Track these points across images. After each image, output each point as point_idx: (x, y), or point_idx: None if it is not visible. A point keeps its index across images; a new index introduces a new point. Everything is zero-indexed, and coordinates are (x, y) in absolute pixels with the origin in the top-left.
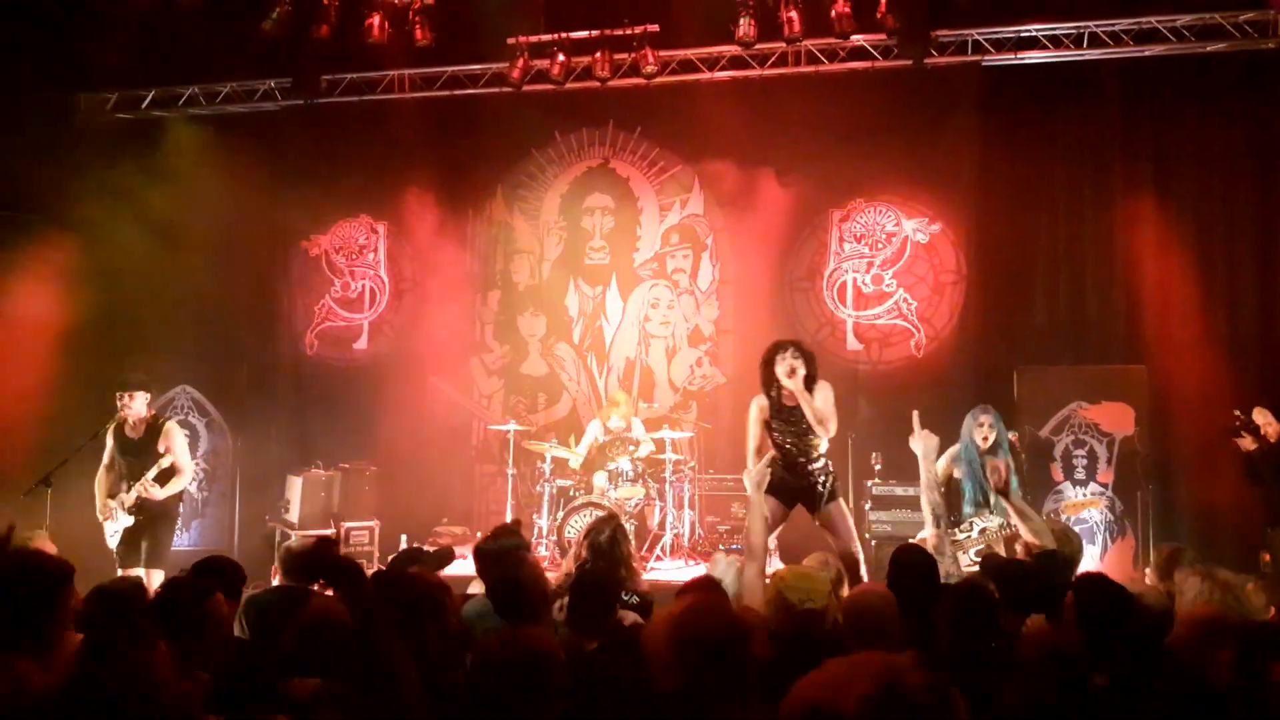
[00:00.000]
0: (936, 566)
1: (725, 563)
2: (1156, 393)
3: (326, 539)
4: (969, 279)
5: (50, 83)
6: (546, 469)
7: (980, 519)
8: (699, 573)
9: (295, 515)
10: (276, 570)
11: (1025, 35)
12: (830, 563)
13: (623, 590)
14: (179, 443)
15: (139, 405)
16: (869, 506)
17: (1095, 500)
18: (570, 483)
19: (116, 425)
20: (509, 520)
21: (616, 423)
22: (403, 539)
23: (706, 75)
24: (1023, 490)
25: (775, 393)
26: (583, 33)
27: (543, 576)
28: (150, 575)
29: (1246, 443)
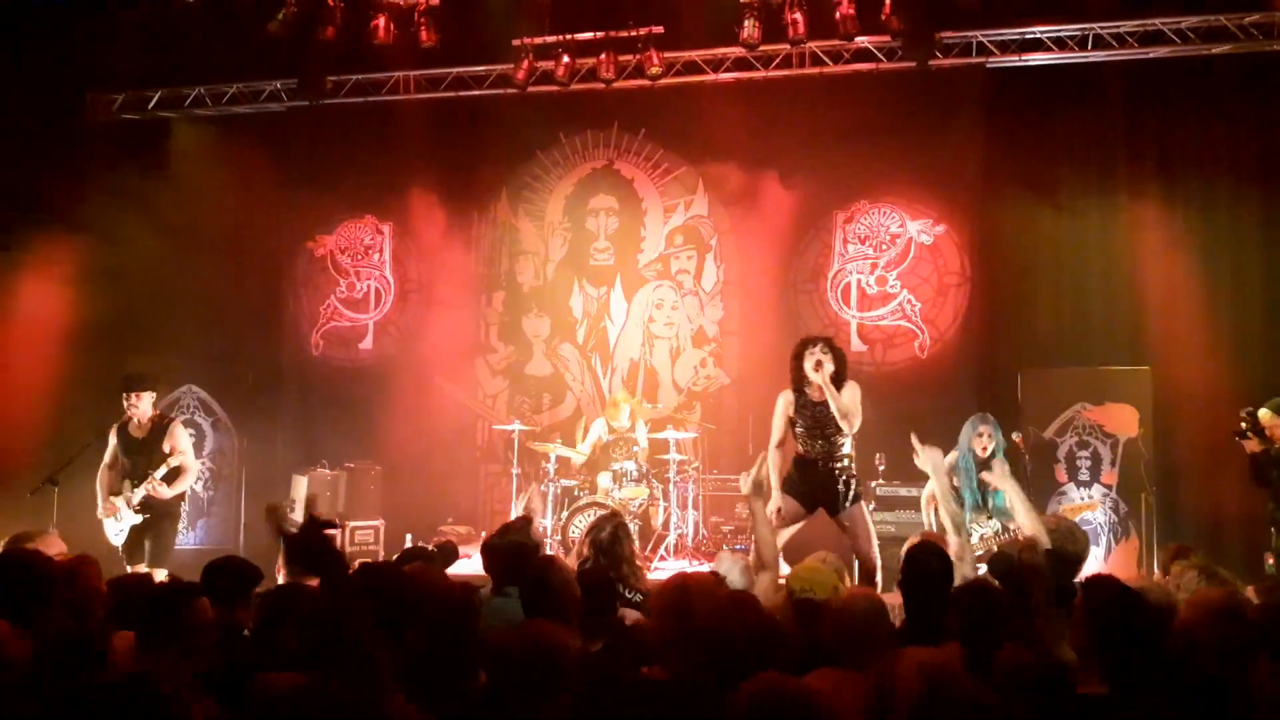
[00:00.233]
0: (951, 566)
1: (730, 560)
2: (1161, 394)
3: (315, 521)
4: (973, 280)
5: (57, 84)
6: (551, 469)
7: (979, 525)
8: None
9: (301, 515)
10: (280, 567)
11: (1030, 37)
12: (830, 560)
13: (625, 589)
14: (184, 442)
15: (145, 405)
16: (872, 507)
17: (1093, 504)
18: (575, 483)
19: (120, 424)
20: (518, 515)
21: (622, 422)
22: (408, 538)
23: (711, 77)
24: (1027, 492)
25: (802, 389)
26: (588, 34)
27: (573, 580)
28: (154, 574)
29: (1252, 444)
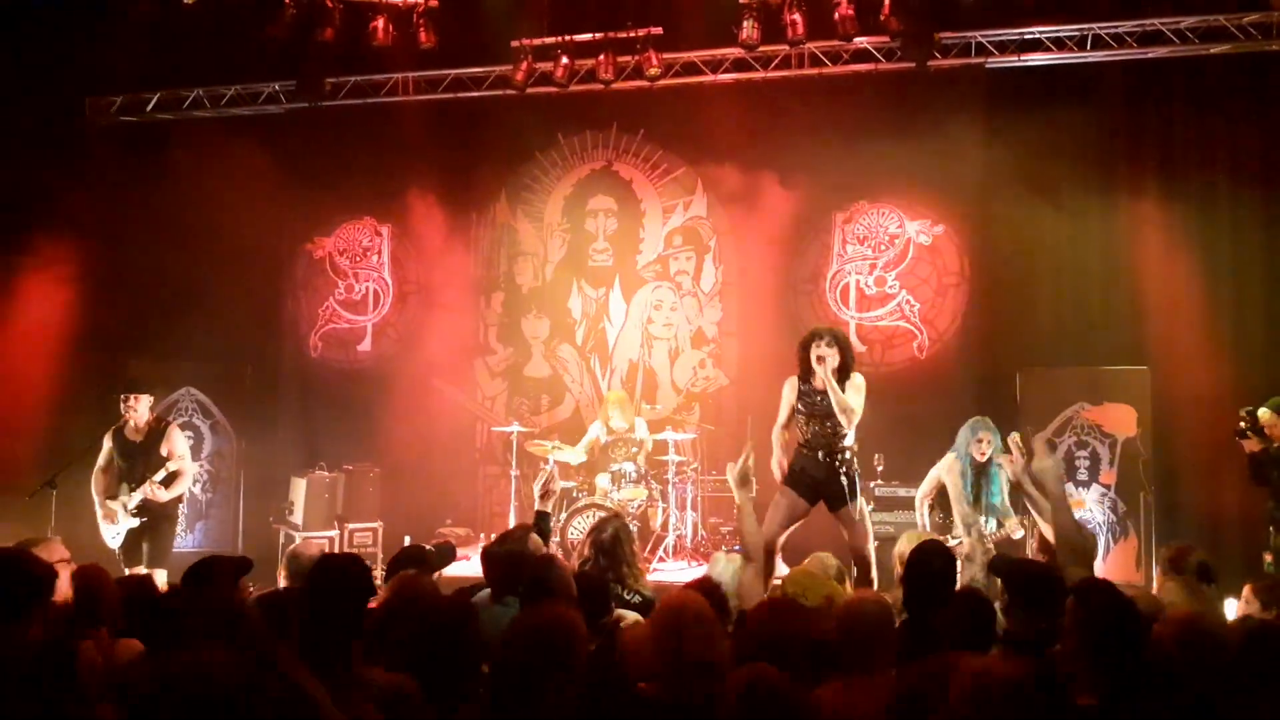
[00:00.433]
0: (954, 565)
1: (724, 563)
2: (1159, 394)
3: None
4: (972, 281)
5: (55, 86)
6: (550, 469)
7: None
8: (702, 573)
9: (299, 517)
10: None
11: (1029, 37)
12: (830, 562)
13: (625, 590)
14: (181, 446)
15: (143, 409)
16: (871, 508)
17: (1079, 501)
18: (573, 484)
19: (116, 428)
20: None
21: (619, 423)
22: (406, 540)
23: (710, 78)
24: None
25: (808, 377)
26: (586, 35)
27: (571, 581)
28: (154, 575)
29: (1252, 443)
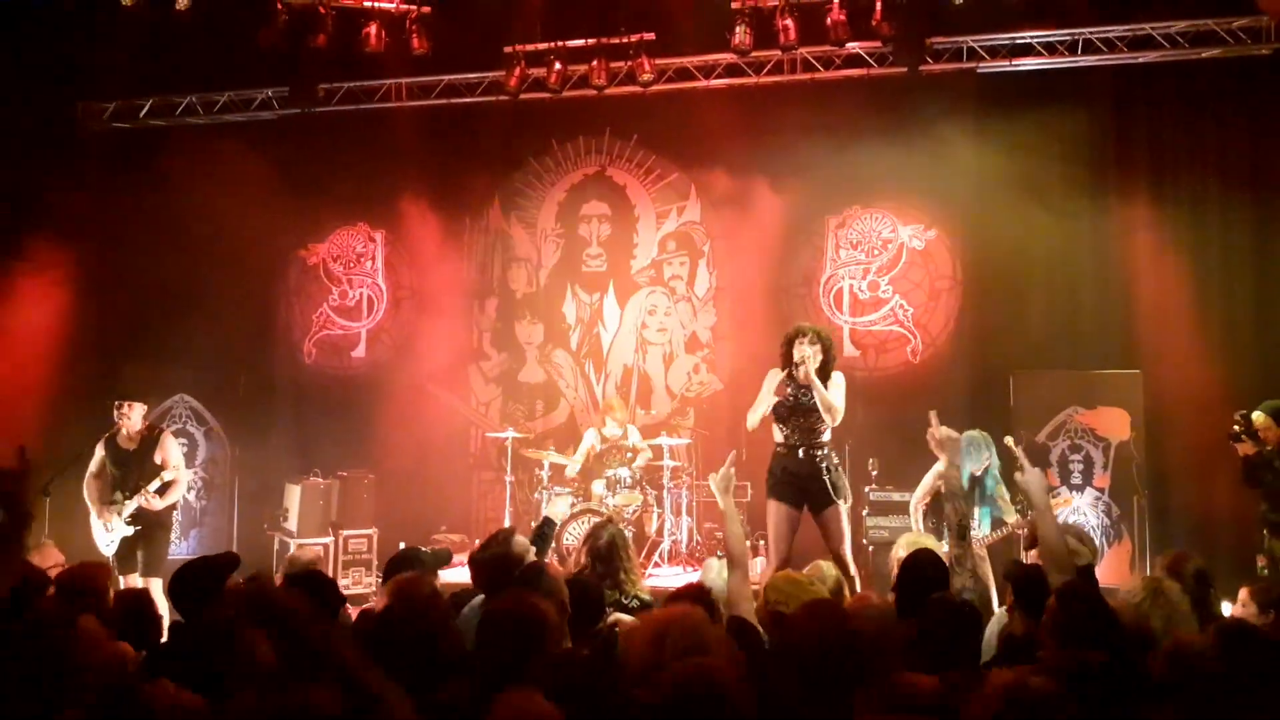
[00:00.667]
0: (947, 576)
1: (717, 569)
2: (1152, 398)
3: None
4: (965, 285)
5: (48, 92)
6: (545, 476)
7: (971, 529)
8: (697, 579)
9: (294, 524)
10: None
11: (1020, 42)
12: (828, 574)
13: (622, 595)
14: (175, 454)
15: (136, 416)
16: (866, 512)
17: (1067, 499)
18: (568, 490)
19: (109, 435)
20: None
21: (613, 430)
22: (400, 546)
23: (703, 83)
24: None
25: (790, 373)
26: (579, 41)
27: (561, 588)
28: (149, 583)
29: (1246, 447)
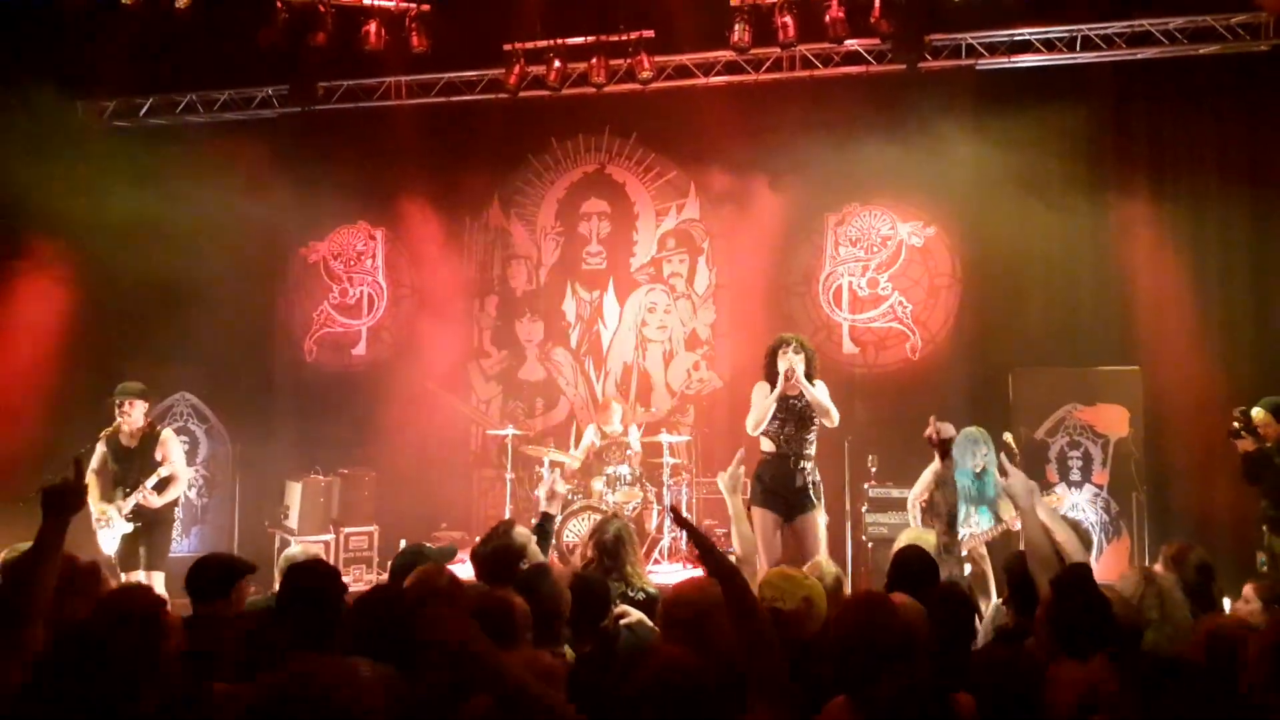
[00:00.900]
0: (937, 569)
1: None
2: (1151, 394)
3: None
4: (964, 282)
5: (47, 91)
6: (545, 473)
7: (967, 525)
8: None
9: (295, 521)
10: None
11: (1018, 39)
12: (827, 571)
13: (629, 588)
14: (175, 451)
15: (137, 414)
16: (865, 509)
17: (1059, 498)
18: (568, 487)
19: (110, 432)
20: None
21: (614, 427)
22: (401, 544)
23: (702, 80)
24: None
25: (777, 383)
26: (579, 39)
27: (563, 587)
28: (151, 577)
29: (1246, 443)
